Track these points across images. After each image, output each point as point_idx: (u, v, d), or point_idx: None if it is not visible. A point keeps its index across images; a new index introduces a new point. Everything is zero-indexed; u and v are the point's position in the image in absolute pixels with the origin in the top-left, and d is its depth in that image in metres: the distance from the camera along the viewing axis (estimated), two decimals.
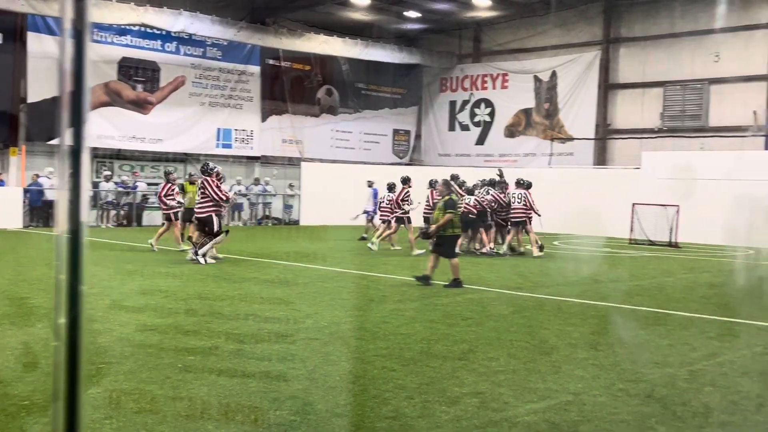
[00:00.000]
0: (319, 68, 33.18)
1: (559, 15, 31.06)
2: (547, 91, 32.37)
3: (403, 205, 18.79)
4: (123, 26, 26.14)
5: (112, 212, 26.34)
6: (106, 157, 27.44)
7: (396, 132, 36.06)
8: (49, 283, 10.96)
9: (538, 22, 31.89)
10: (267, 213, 30.19)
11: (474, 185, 18.81)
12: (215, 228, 15.03)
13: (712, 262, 18.57)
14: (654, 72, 29.32)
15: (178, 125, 28.67)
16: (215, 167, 15.58)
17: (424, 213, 18.51)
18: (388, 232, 19.14)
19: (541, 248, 18.03)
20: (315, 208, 27.93)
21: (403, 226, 18.89)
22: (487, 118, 34.48)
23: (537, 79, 32.62)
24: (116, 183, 26.64)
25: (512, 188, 18.90)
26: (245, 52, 30.18)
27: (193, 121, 29.12)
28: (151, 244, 17.29)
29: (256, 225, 29.33)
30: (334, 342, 8.02)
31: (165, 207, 17.49)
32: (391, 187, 19.52)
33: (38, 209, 24.43)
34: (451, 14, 32.15)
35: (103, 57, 26.71)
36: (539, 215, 18.62)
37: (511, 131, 33.69)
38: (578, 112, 31.28)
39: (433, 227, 12.56)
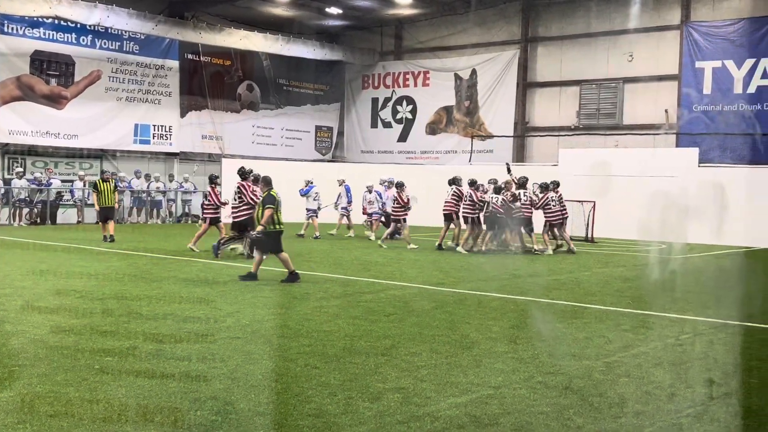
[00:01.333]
0: (239, 63, 32.79)
1: (479, 14, 31.47)
2: (467, 89, 32.75)
3: (407, 204, 19.77)
4: (35, 18, 25.31)
5: (25, 210, 25.53)
6: (18, 153, 26.58)
7: (318, 128, 35.94)
8: None
9: (459, 20, 32.24)
10: (186, 210, 29.70)
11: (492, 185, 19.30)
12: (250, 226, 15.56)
13: (626, 256, 19.09)
14: (570, 71, 29.97)
15: (94, 120, 27.94)
16: (251, 171, 16.07)
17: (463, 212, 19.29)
18: (387, 230, 20.32)
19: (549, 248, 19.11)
20: None
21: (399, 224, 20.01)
22: (409, 116, 34.68)
23: (457, 77, 32.96)
24: (29, 180, 25.82)
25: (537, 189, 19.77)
26: (163, 47, 29.61)
27: (110, 116, 28.43)
28: (192, 248, 17.03)
29: (175, 222, 28.84)
30: (255, 340, 7.96)
31: (210, 210, 17.37)
32: (399, 185, 20.09)
33: None
34: (372, 11, 32.21)
35: (14, 50, 25.84)
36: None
37: (433, 129, 33.96)
38: (497, 110, 31.74)
39: (259, 228, 12.39)
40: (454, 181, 19.76)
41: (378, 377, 6.56)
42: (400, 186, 19.99)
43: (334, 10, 31.77)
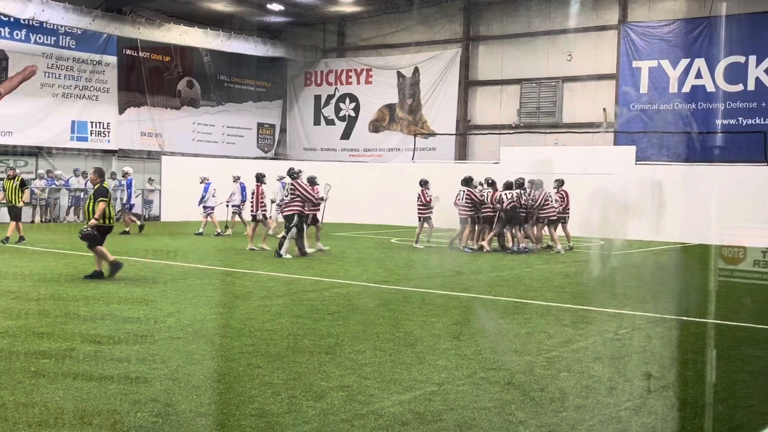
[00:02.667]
0: (179, 59, 32.33)
1: (421, 12, 31.60)
2: (410, 86, 32.86)
3: (430, 203, 19.55)
4: None
5: None
6: None
7: (261, 126, 35.66)
8: None
9: (401, 18, 32.33)
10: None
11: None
12: (297, 223, 16.26)
13: (566, 253, 19.35)
14: (511, 70, 30.30)
15: (29, 117, 27.26)
16: (300, 171, 16.94)
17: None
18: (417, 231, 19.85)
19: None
20: (177, 203, 27.26)
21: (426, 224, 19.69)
22: (352, 113, 34.65)
23: (400, 75, 33.05)
24: None
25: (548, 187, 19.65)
26: (101, 42, 29.03)
27: (46, 112, 27.76)
28: (252, 249, 17.57)
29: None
30: (197, 340, 7.86)
31: (255, 209, 18.19)
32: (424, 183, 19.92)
33: None
34: (315, 8, 32.08)
35: None
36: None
37: (376, 126, 33.99)
38: (440, 108, 31.92)
39: (92, 222, 12.09)
40: (467, 182, 19.24)
41: (322, 376, 6.54)
42: (424, 184, 19.75)
43: (275, 7, 31.54)
